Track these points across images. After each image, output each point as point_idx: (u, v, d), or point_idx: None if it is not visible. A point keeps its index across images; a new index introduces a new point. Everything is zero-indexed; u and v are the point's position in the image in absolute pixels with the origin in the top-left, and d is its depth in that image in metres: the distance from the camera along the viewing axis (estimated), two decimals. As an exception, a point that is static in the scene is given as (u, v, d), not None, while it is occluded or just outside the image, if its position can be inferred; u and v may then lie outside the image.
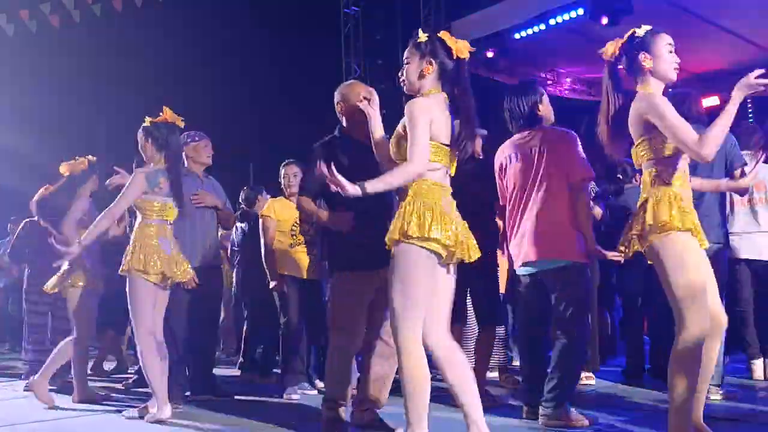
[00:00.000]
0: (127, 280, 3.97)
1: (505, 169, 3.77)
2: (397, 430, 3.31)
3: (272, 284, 4.95)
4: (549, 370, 3.47)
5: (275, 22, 12.41)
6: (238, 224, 6.05)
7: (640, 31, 2.85)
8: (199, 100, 13.72)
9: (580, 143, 3.61)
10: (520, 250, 3.64)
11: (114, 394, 5.11)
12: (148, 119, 4.11)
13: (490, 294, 4.16)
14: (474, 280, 4.07)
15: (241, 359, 6.08)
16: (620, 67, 2.92)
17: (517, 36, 10.32)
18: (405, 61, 2.82)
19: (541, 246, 3.52)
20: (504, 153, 3.79)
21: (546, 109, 3.72)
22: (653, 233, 2.71)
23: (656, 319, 4.87)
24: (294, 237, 4.99)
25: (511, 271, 3.94)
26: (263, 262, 5.04)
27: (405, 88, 2.85)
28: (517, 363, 6.06)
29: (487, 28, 10.45)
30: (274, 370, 5.61)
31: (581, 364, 3.89)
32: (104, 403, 4.71)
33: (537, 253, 3.53)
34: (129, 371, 6.47)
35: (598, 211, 4.85)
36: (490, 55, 10.81)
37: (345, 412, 3.44)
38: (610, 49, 2.92)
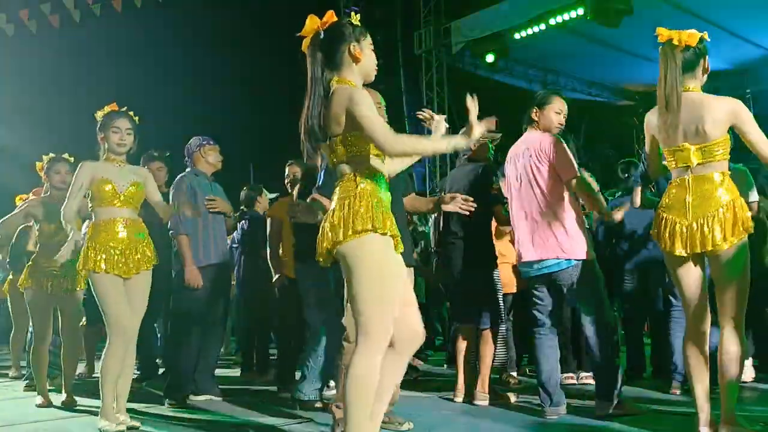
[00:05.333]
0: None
1: (506, 169, 3.93)
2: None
3: (275, 278, 4.94)
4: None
5: (275, 22, 12.44)
6: (238, 223, 6.03)
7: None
8: (199, 99, 13.74)
9: (563, 144, 3.67)
10: (519, 250, 3.76)
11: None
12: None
13: (485, 294, 4.16)
14: (469, 281, 4.10)
15: (241, 359, 6.08)
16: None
17: (517, 36, 10.34)
18: None
19: (538, 247, 3.62)
20: (510, 153, 3.91)
21: (543, 117, 3.78)
22: (740, 233, 2.74)
23: (657, 319, 4.87)
24: None
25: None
26: (267, 261, 5.02)
27: None
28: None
29: (487, 28, 10.46)
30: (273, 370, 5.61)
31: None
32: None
33: (534, 255, 3.63)
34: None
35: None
36: (490, 55, 10.84)
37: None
38: (684, 38, 2.93)
